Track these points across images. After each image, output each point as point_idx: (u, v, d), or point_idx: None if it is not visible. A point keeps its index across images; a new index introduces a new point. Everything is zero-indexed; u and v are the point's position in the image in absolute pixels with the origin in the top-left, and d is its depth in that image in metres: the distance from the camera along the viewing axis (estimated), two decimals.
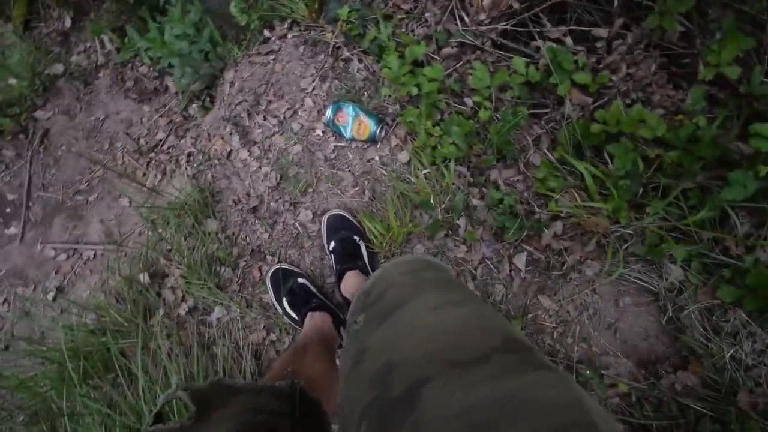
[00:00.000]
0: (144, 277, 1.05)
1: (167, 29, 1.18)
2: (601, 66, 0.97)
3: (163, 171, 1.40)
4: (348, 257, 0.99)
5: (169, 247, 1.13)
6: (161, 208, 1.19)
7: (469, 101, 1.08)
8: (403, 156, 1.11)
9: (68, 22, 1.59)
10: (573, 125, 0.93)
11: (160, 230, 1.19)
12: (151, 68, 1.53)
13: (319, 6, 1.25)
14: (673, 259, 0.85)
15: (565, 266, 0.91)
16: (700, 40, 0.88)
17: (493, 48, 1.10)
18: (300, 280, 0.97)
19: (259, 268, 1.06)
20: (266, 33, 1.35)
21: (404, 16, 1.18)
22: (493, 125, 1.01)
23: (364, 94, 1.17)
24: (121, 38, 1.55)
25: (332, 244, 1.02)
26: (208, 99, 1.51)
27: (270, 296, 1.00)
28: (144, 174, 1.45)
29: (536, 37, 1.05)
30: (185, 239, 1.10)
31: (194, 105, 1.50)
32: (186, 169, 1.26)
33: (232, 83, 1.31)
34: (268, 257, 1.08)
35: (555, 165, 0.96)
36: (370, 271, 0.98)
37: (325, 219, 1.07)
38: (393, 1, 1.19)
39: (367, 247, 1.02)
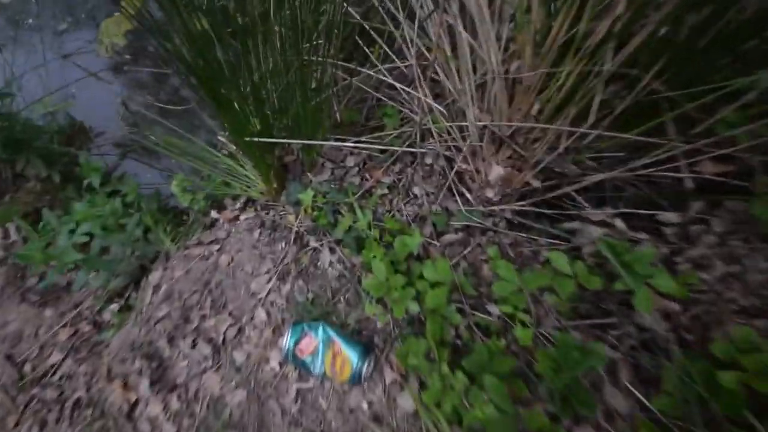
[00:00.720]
0: None
1: (64, 232, 0.87)
2: (679, 259, 0.68)
3: (42, 422, 0.93)
4: None
5: None
6: None
7: (493, 309, 0.75)
8: (406, 402, 0.70)
9: None
10: (684, 364, 0.57)
11: None
12: None
13: (279, 184, 1.00)
14: None
15: None
16: None
17: (509, 229, 0.82)
18: None
19: None
20: (213, 214, 1.06)
21: (386, 191, 0.92)
22: (541, 354, 0.65)
23: (339, 301, 0.82)
24: (35, 225, 1.24)
25: None
26: (134, 295, 1.14)
27: None
28: (17, 424, 0.96)
29: (569, 216, 0.78)
30: None
31: (114, 305, 1.12)
32: None
33: (157, 287, 0.95)
34: None
35: (664, 423, 0.57)
36: None
37: None
38: (372, 175, 0.95)
39: None
